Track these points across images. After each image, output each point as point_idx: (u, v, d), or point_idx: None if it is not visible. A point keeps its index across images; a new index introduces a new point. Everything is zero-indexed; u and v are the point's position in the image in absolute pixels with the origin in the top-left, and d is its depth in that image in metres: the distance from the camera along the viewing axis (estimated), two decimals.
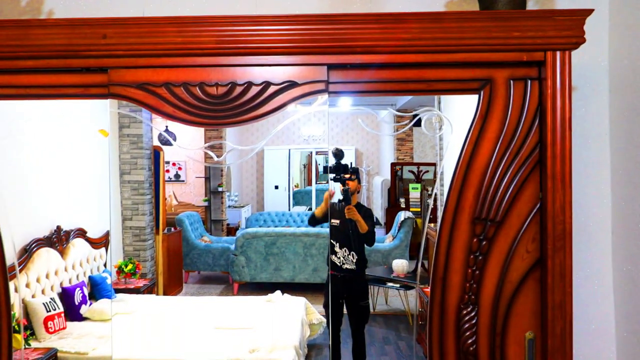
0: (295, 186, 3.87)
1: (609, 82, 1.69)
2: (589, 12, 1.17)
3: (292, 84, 1.27)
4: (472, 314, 1.27)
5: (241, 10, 1.74)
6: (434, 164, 3.42)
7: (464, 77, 1.27)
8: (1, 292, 1.34)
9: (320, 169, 3.65)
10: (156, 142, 3.53)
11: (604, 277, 1.68)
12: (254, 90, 1.27)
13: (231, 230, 4.20)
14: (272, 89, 1.27)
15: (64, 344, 2.45)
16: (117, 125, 3.19)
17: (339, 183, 1.92)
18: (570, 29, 1.18)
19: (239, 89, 1.27)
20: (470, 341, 1.28)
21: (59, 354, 2.36)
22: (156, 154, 3.53)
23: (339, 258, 2.01)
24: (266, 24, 1.25)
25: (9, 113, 1.75)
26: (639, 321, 1.54)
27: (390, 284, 3.13)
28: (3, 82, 1.31)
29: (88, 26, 1.25)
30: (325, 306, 2.11)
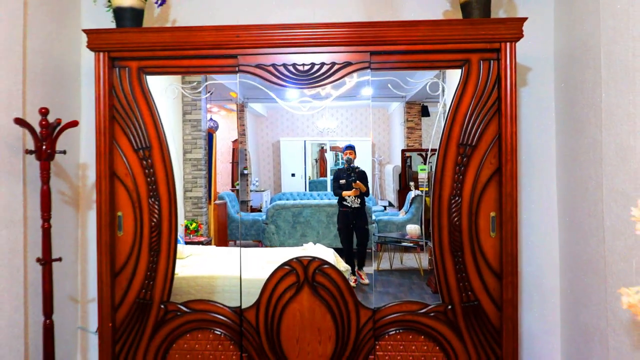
0: (308, 178, 4.41)
1: (553, 63, 2.53)
2: (525, 19, 2.00)
3: (348, 63, 2.12)
4: (458, 201, 2.11)
5: (304, 17, 2.59)
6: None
7: (452, 58, 2.10)
8: (172, 218, 2.19)
9: (332, 164, 4.18)
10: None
11: (550, 192, 2.53)
12: (325, 67, 2.12)
13: (254, 210, 4.90)
14: (336, 66, 2.12)
15: None
16: (181, 112, 4.01)
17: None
18: (514, 29, 2.01)
19: (316, 67, 2.12)
20: (456, 218, 2.11)
21: None
22: (209, 136, 4.32)
23: (348, 202, 2.76)
24: (333, 28, 2.09)
25: None
26: (572, 213, 2.37)
27: (405, 244, 3.83)
28: (174, 64, 2.17)
29: (227, 30, 2.10)
30: (338, 230, 2.85)
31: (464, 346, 2.12)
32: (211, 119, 4.61)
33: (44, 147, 1.98)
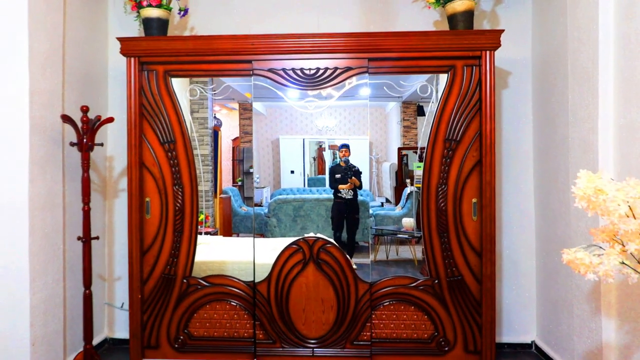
0: (307, 175, 4.57)
1: (531, 68, 2.83)
2: (502, 31, 2.31)
3: (349, 68, 2.43)
4: (444, 188, 2.42)
5: (310, 27, 2.89)
6: None
7: (440, 64, 2.41)
8: (194, 203, 2.49)
9: (330, 163, 4.37)
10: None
11: (528, 182, 2.84)
12: (329, 71, 2.43)
13: (255, 205, 5.14)
14: (338, 70, 2.43)
15: None
16: (189, 110, 4.30)
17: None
18: (493, 39, 2.32)
19: (321, 71, 2.43)
20: (443, 204, 2.42)
21: None
22: (215, 133, 4.60)
23: (342, 194, 3.05)
24: (335, 37, 2.39)
25: None
26: (545, 204, 2.68)
27: (400, 235, 4.13)
28: (197, 68, 2.47)
29: (243, 39, 2.41)
30: (332, 218, 3.11)
31: (449, 315, 2.43)
32: (215, 117, 4.86)
33: (85, 140, 2.28)
